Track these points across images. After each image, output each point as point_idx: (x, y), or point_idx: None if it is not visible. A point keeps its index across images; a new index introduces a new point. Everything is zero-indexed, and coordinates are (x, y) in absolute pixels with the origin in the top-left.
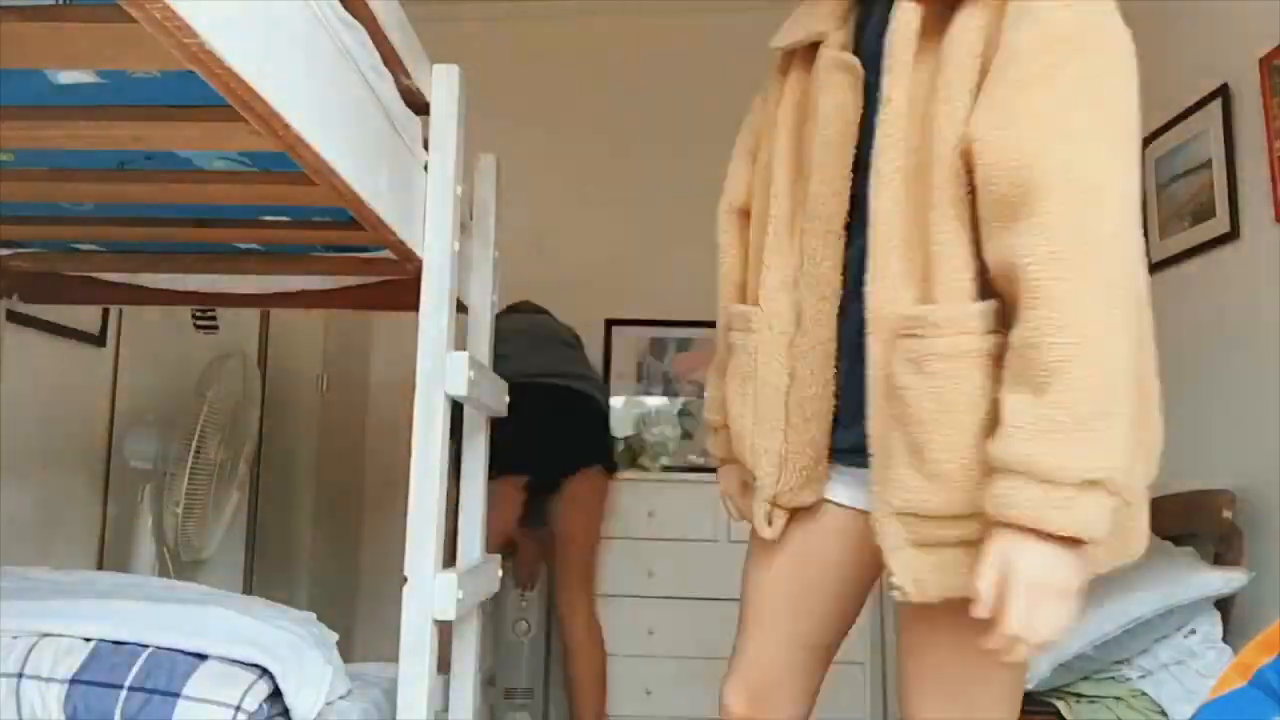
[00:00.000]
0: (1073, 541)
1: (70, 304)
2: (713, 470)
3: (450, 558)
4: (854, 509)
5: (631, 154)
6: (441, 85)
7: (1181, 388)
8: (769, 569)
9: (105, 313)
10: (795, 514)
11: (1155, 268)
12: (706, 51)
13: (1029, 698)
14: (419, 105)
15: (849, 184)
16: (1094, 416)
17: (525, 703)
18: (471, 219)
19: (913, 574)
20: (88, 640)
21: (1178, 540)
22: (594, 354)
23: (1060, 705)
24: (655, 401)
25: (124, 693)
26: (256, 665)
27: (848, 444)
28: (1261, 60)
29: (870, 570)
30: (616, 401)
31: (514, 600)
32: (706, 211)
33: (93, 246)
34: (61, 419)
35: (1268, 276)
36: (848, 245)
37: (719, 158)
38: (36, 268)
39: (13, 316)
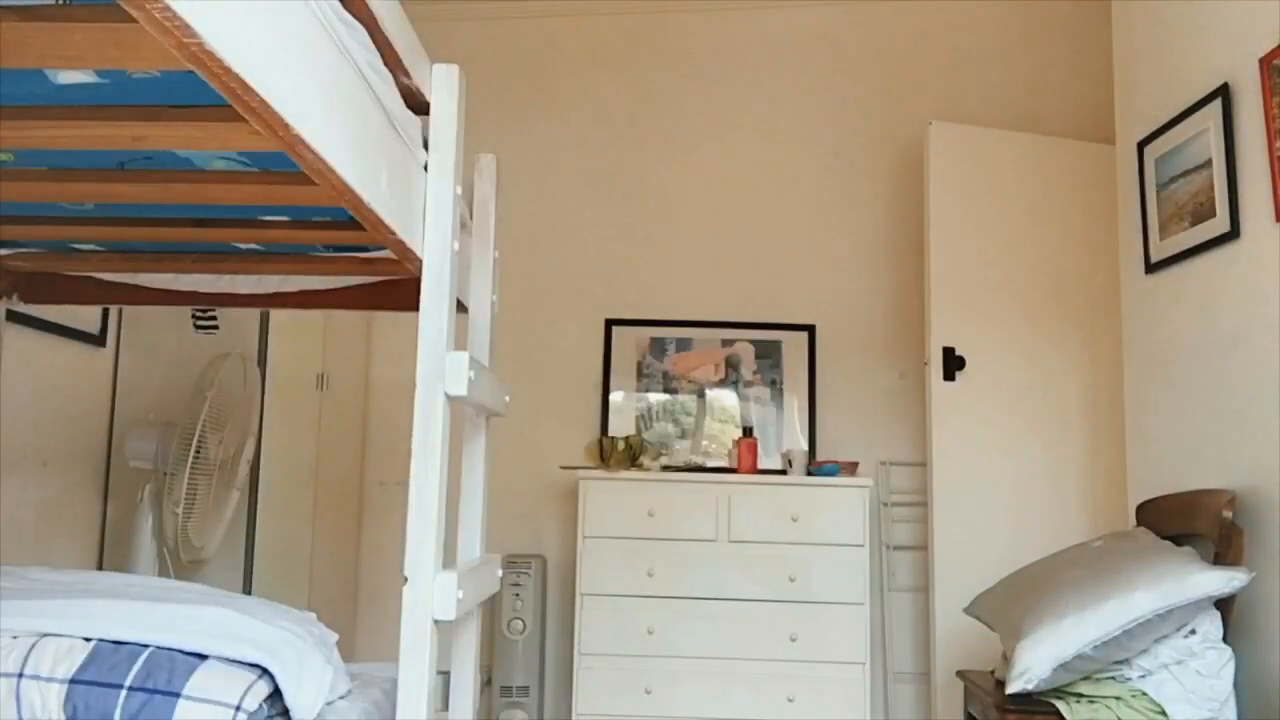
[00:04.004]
0: None
1: (70, 304)
2: (712, 470)
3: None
4: None
5: (632, 154)
6: (441, 85)
7: (1181, 388)
8: None
9: (105, 313)
10: None
11: (1155, 267)
12: (706, 50)
13: (1029, 698)
14: (419, 105)
15: None
16: None
17: (521, 700)
18: (471, 219)
19: None
20: (88, 640)
21: (1178, 540)
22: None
23: (1060, 705)
24: (655, 401)
25: (124, 693)
26: (256, 665)
27: None
28: (1261, 60)
29: None
30: (616, 399)
31: (510, 599)
32: (706, 211)
33: (93, 246)
34: (61, 419)
35: (1268, 276)
36: None
37: (718, 156)
38: (36, 268)
39: (13, 316)
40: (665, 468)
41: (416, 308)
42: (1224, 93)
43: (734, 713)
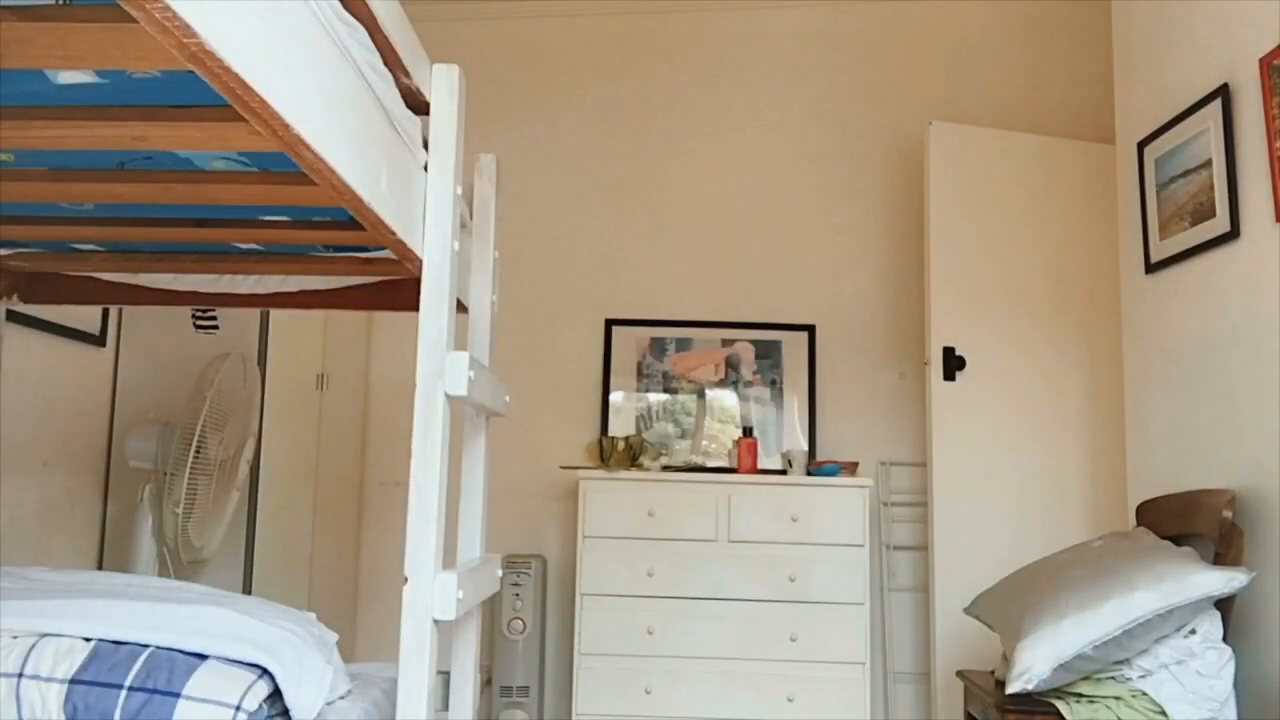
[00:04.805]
0: None
1: (70, 304)
2: (712, 470)
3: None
4: None
5: (632, 153)
6: (441, 85)
7: (1181, 388)
8: None
9: (105, 313)
10: None
11: (1155, 267)
12: (706, 50)
13: (1029, 698)
14: (419, 105)
15: None
16: None
17: (521, 700)
18: (471, 219)
19: None
20: (88, 640)
21: (1178, 540)
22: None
23: (1060, 705)
24: (655, 401)
25: (124, 693)
26: (256, 665)
27: None
28: (1261, 60)
29: None
30: (616, 399)
31: (510, 599)
32: (706, 211)
33: (93, 246)
34: (61, 419)
35: (1268, 276)
36: None
37: (718, 156)
38: (36, 268)
39: (13, 316)
40: (665, 468)
41: (416, 308)
42: (1224, 93)
43: (734, 713)
